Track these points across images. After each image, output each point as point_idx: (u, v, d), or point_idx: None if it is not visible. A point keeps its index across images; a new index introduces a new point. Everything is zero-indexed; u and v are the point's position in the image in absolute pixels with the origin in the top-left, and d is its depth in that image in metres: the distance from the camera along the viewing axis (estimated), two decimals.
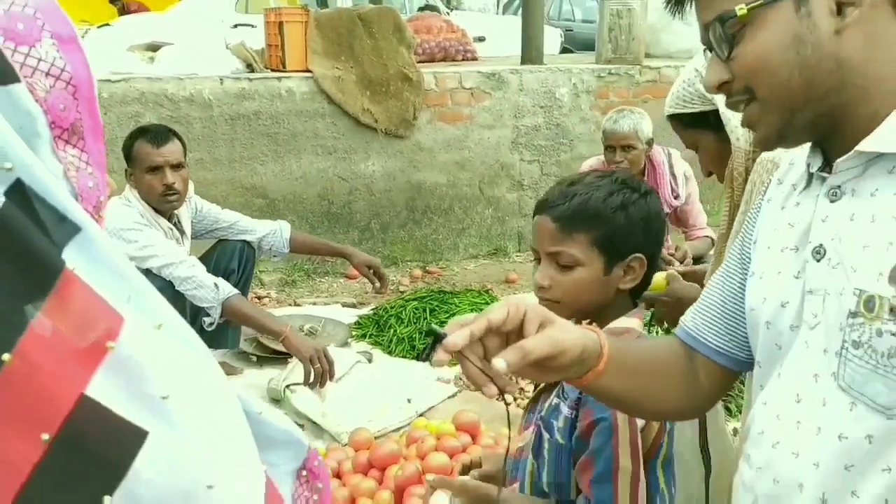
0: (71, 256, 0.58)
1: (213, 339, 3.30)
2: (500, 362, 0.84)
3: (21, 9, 0.59)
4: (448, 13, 8.99)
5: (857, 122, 0.87)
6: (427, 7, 8.59)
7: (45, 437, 0.56)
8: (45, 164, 0.59)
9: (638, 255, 1.38)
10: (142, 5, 10.81)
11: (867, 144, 0.85)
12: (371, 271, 3.41)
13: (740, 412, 2.59)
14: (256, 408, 0.79)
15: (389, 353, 3.56)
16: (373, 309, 4.04)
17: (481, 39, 7.73)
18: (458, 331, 0.85)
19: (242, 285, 3.28)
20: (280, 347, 3.13)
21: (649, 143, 3.45)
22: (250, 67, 4.86)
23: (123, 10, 11.11)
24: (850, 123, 0.88)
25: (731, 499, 1.03)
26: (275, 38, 4.84)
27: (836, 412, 0.86)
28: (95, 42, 5.31)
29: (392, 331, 3.68)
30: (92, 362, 0.58)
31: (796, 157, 1.01)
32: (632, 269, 1.39)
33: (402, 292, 4.39)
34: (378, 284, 3.42)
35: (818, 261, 0.89)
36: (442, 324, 3.61)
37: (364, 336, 3.74)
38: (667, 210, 3.15)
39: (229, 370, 3.36)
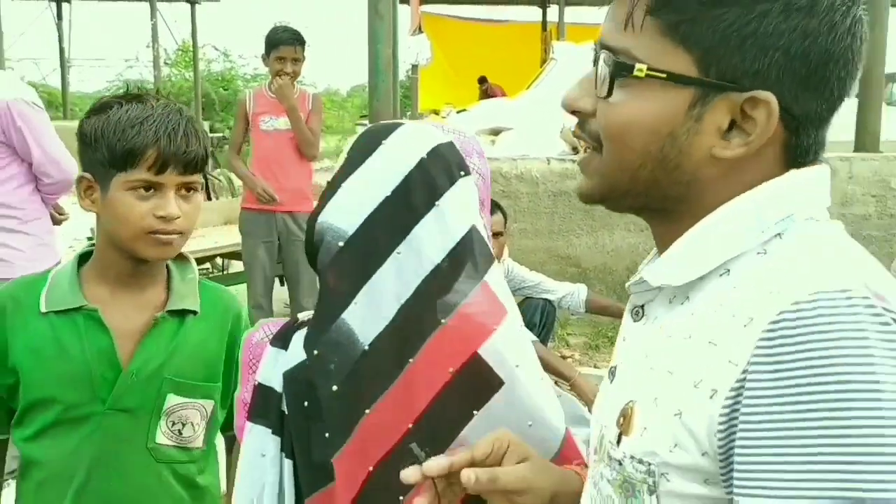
0: (490, 273, 1.03)
1: None
2: (469, 475, 0.86)
3: (466, 137, 1.12)
4: None
5: (675, 236, 0.76)
6: None
7: (451, 370, 1.01)
8: (482, 219, 1.09)
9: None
10: (502, 90, 12.06)
11: (646, 273, 0.77)
12: None
13: None
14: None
15: None
16: None
17: None
18: (440, 461, 0.87)
19: (543, 336, 3.73)
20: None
21: None
22: (575, 150, 5.41)
23: (486, 94, 12.47)
24: (671, 234, 0.77)
25: None
26: None
27: None
28: (453, 125, 6.28)
29: None
30: (485, 334, 1.01)
31: None
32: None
33: None
34: None
35: (611, 382, 0.83)
36: None
37: None
38: None
39: None
